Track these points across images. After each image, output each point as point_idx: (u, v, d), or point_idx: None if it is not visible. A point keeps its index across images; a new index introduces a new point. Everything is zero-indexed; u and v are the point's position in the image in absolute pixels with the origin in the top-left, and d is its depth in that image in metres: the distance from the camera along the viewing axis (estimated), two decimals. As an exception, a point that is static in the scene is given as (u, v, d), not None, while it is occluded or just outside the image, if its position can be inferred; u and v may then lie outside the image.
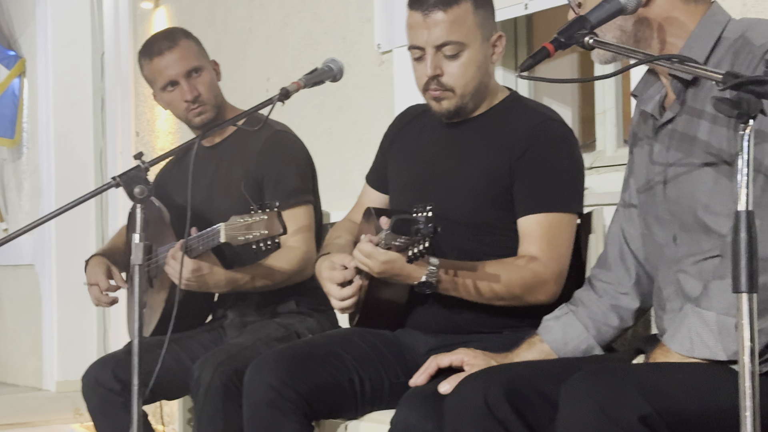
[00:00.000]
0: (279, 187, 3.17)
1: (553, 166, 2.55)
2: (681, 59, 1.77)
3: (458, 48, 2.57)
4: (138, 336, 2.49)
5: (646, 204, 2.21)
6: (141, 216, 2.49)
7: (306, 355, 2.58)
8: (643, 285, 2.32)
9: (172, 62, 3.24)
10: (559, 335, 2.32)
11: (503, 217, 2.59)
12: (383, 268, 2.43)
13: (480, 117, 2.67)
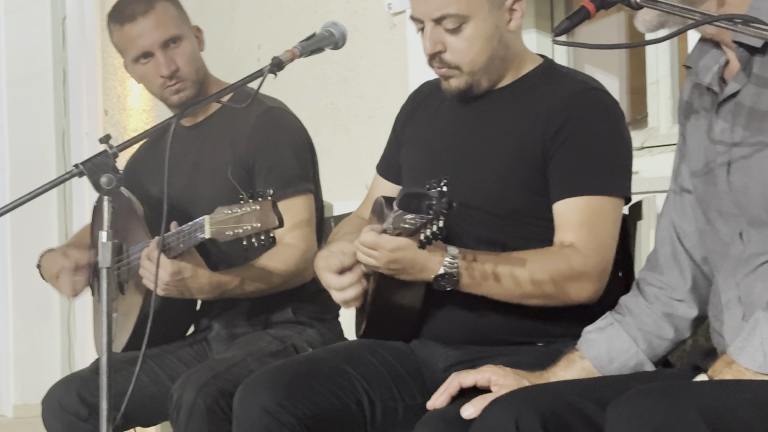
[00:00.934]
0: (273, 173, 3.18)
1: (594, 143, 2.55)
2: (746, 20, 1.77)
3: (459, 20, 2.58)
4: (107, 352, 2.49)
5: (706, 194, 2.20)
6: (109, 210, 2.49)
7: (306, 374, 2.58)
8: (701, 290, 2.32)
9: (146, 30, 3.25)
10: (604, 350, 2.32)
11: (537, 203, 2.59)
12: (392, 257, 2.43)
13: (506, 88, 2.68)
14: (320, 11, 4.58)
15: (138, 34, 3.25)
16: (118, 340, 3.26)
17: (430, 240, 2.28)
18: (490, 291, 2.50)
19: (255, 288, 3.12)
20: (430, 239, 2.28)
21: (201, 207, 2.99)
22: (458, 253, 2.45)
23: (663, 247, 2.35)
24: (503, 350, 2.53)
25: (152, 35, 3.25)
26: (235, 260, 3.15)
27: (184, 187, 3.29)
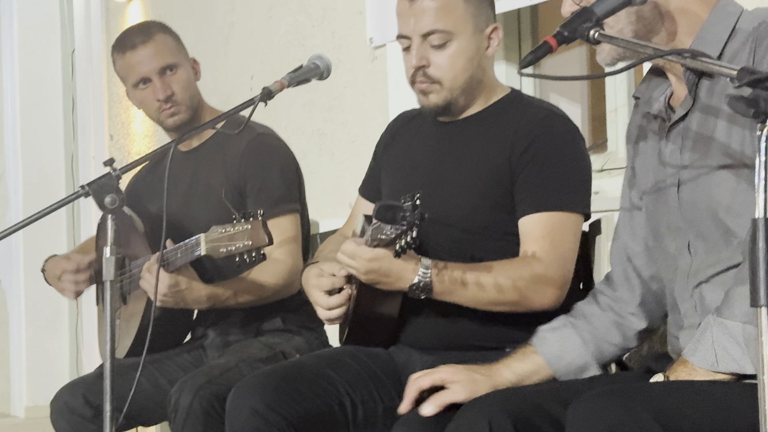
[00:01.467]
0: (262, 194, 3.17)
1: (556, 163, 2.55)
2: (693, 54, 1.78)
3: (446, 37, 2.59)
4: (110, 358, 2.48)
5: (656, 212, 2.21)
6: (112, 227, 2.49)
7: (293, 378, 2.57)
8: (649, 305, 2.32)
9: (145, 57, 3.26)
10: (555, 348, 2.31)
11: (505, 220, 2.59)
12: (370, 266, 2.43)
13: (478, 115, 2.68)
14: (307, 45, 4.59)
15: (138, 62, 3.26)
16: (120, 347, 3.25)
17: (405, 249, 2.29)
18: (460, 299, 2.49)
19: (246, 299, 3.12)
20: (405, 248, 2.29)
21: (196, 225, 2.99)
22: (431, 264, 2.45)
23: (616, 267, 2.35)
24: (475, 356, 2.50)
25: (150, 62, 3.25)
26: (228, 274, 3.15)
27: (181, 206, 3.29)
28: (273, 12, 4.86)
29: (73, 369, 6.75)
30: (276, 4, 4.83)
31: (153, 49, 3.26)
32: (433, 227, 2.52)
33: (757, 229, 1.59)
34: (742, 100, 1.62)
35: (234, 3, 5.14)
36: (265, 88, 2.69)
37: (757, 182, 1.60)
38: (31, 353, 6.81)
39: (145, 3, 5.87)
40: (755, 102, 1.60)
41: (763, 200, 1.59)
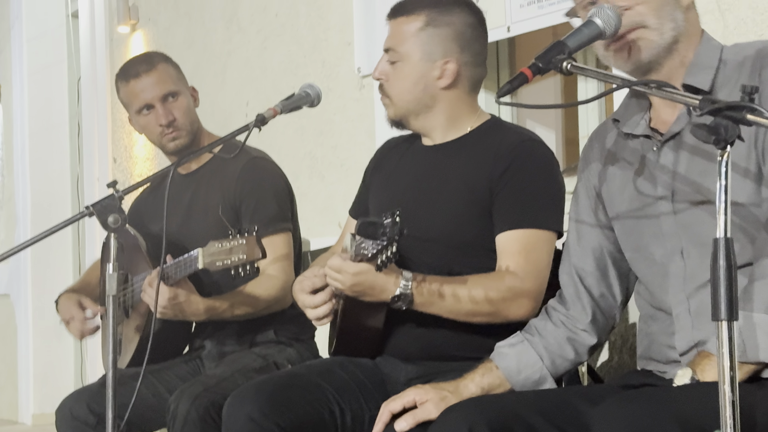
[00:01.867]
0: (257, 214, 3.17)
1: (532, 184, 2.57)
2: (659, 85, 1.79)
3: (396, 56, 2.67)
4: (113, 368, 2.48)
5: (638, 224, 2.19)
6: (115, 246, 2.49)
7: (286, 386, 2.56)
8: (599, 322, 2.33)
9: (148, 85, 3.26)
10: (513, 363, 2.32)
11: (484, 236, 2.59)
12: (354, 280, 2.43)
13: (459, 140, 2.70)
14: (300, 74, 4.60)
15: (141, 89, 3.26)
16: (123, 358, 3.25)
17: (386, 263, 2.29)
18: (439, 310, 2.49)
19: (241, 312, 3.11)
20: (386, 262, 2.29)
21: (195, 242, 2.98)
22: (411, 277, 2.45)
23: (567, 286, 2.36)
24: (455, 366, 2.51)
25: (153, 90, 3.26)
26: (224, 288, 3.14)
27: (181, 225, 3.29)
28: (267, 43, 4.87)
29: (78, 378, 6.72)
30: (270, 35, 4.84)
31: (156, 78, 3.27)
32: (416, 243, 2.53)
33: (718, 248, 1.60)
34: (704, 128, 1.62)
35: (231, 34, 5.15)
36: (259, 115, 2.70)
37: (717, 204, 1.61)
38: (38, 363, 6.79)
39: (147, 34, 5.87)
40: (716, 129, 1.61)
41: (723, 221, 1.60)
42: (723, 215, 1.60)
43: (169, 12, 5.67)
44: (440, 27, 2.64)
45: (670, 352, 2.15)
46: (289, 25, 4.71)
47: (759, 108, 1.60)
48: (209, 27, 5.32)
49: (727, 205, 1.60)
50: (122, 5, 5.93)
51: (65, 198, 6.88)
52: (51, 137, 6.92)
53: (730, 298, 1.58)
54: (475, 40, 2.68)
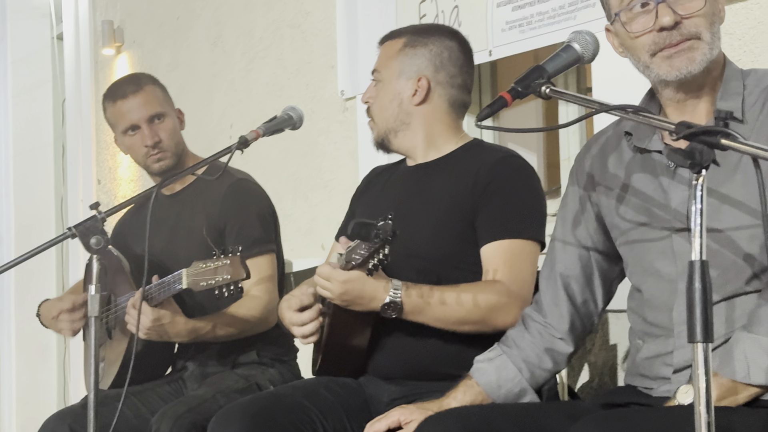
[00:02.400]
0: (241, 236, 3.17)
1: (514, 197, 2.61)
2: (636, 110, 1.80)
3: (379, 77, 2.76)
4: (94, 389, 2.48)
5: (648, 240, 2.18)
6: (97, 267, 2.49)
7: (271, 407, 2.56)
8: (577, 329, 2.34)
9: (135, 106, 3.27)
10: (493, 378, 2.33)
11: (469, 250, 2.62)
12: (344, 288, 2.44)
13: (442, 159, 2.74)
14: (284, 96, 4.61)
15: (128, 110, 3.27)
16: (105, 379, 3.24)
17: (377, 266, 2.32)
18: (427, 317, 2.50)
19: (225, 332, 3.11)
20: (377, 266, 2.32)
21: (179, 263, 2.98)
22: (401, 285, 2.46)
23: (546, 292, 2.36)
24: (436, 386, 2.51)
25: (140, 111, 3.27)
26: (208, 309, 3.14)
27: (165, 246, 3.29)
28: (252, 65, 4.88)
29: (61, 399, 6.69)
30: (255, 57, 4.86)
31: (143, 99, 3.28)
32: (401, 258, 2.54)
33: (693, 270, 1.61)
34: (680, 152, 1.64)
35: (215, 56, 5.16)
36: (242, 137, 2.71)
37: (693, 228, 1.62)
38: (21, 384, 6.75)
39: (132, 56, 5.87)
40: (691, 154, 1.63)
41: (698, 244, 1.61)
42: (698, 238, 1.61)
43: (154, 34, 5.67)
44: (417, 47, 2.73)
45: (664, 369, 2.15)
46: (273, 48, 4.72)
47: (733, 133, 1.62)
48: (194, 49, 5.33)
49: (702, 229, 1.61)
50: (107, 28, 5.94)
51: (49, 219, 6.86)
52: (35, 158, 6.91)
53: (706, 320, 1.59)
54: (452, 64, 2.73)
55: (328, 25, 4.34)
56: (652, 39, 2.05)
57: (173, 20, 5.51)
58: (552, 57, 2.01)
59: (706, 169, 1.62)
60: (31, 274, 6.56)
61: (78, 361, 5.66)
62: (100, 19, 6.07)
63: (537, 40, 3.39)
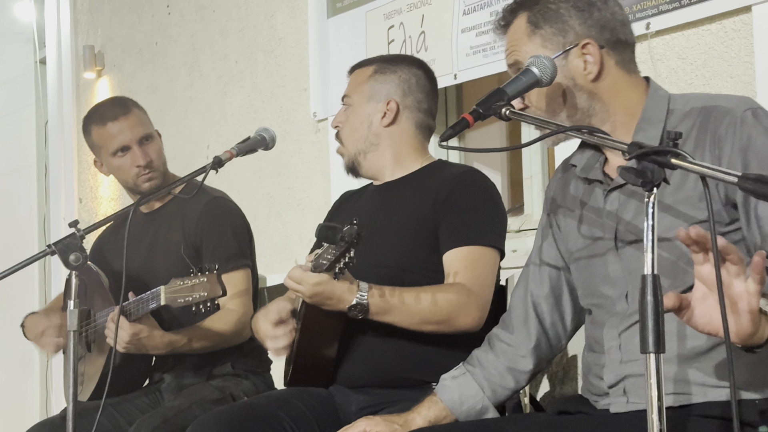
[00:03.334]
0: (217, 252, 3.17)
1: (474, 206, 2.63)
2: (590, 130, 1.82)
3: (349, 101, 2.79)
4: (73, 401, 2.46)
5: (591, 264, 2.20)
6: (76, 283, 2.48)
7: (244, 417, 2.55)
8: (542, 349, 2.34)
9: (126, 128, 3.25)
10: (456, 395, 2.33)
11: (433, 258, 2.63)
12: (315, 290, 2.44)
13: (407, 177, 2.77)
14: (258, 118, 4.61)
15: (119, 131, 3.25)
16: (85, 391, 3.22)
17: (343, 270, 2.34)
18: (393, 318, 2.51)
19: (201, 345, 3.10)
20: (343, 269, 2.33)
21: (157, 279, 2.98)
22: (367, 287, 2.47)
23: (517, 310, 2.36)
24: (402, 394, 2.52)
25: (131, 132, 3.25)
26: (184, 323, 3.13)
27: (143, 263, 3.27)
28: (227, 89, 4.88)
29: (43, 410, 6.64)
30: (230, 81, 4.86)
31: (133, 121, 3.26)
32: (367, 269, 2.55)
33: (645, 284, 1.62)
34: (632, 171, 1.65)
35: (192, 80, 5.15)
36: (216, 157, 2.70)
37: (645, 243, 1.63)
38: (4, 396, 6.70)
39: (113, 80, 5.86)
40: (643, 173, 1.64)
41: (650, 259, 1.62)
42: (650, 253, 1.62)
43: (134, 59, 5.66)
44: (386, 74, 2.77)
45: (601, 384, 2.16)
46: (248, 72, 4.72)
47: (682, 152, 1.63)
48: (172, 73, 5.32)
49: (654, 244, 1.62)
50: (88, 52, 5.92)
51: (32, 236, 6.82)
52: (19, 178, 6.88)
53: (658, 331, 1.60)
54: (419, 90, 2.78)
55: (301, 50, 4.35)
56: None
57: (152, 45, 5.51)
58: (512, 80, 2.02)
59: (658, 187, 1.63)
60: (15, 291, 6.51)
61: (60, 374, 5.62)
62: (82, 44, 6.05)
63: (500, 64, 3.40)
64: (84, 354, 3.27)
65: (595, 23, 2.09)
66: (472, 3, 3.51)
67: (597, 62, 2.09)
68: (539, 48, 2.12)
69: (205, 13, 5.05)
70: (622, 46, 2.11)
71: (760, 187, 1.52)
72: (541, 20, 2.12)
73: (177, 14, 5.28)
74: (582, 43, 2.09)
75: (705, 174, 1.63)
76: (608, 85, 2.10)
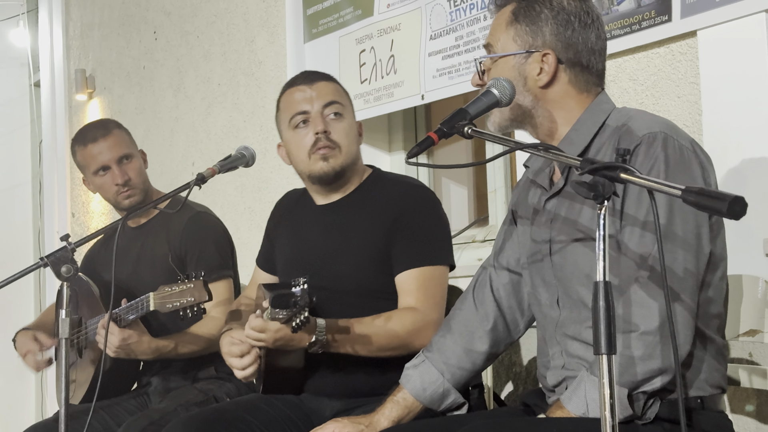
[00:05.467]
0: (200, 263, 3.16)
1: (421, 227, 2.57)
2: (545, 147, 1.82)
3: (341, 109, 2.64)
4: (65, 404, 2.44)
5: (533, 267, 2.21)
6: (67, 293, 2.46)
7: (214, 420, 2.51)
8: (499, 331, 2.33)
9: (105, 148, 3.24)
10: (418, 383, 2.32)
11: (388, 282, 2.58)
12: (276, 337, 2.41)
13: (350, 195, 2.68)
14: (240, 136, 4.60)
15: (99, 152, 3.24)
16: (76, 395, 3.20)
17: (299, 326, 2.28)
18: (353, 349, 2.47)
19: (187, 350, 3.09)
20: (300, 326, 2.28)
21: (143, 289, 2.96)
22: (324, 324, 2.41)
23: (478, 291, 2.35)
24: (371, 400, 2.48)
25: (110, 153, 3.24)
26: (171, 329, 3.12)
27: (131, 273, 3.27)
28: (211, 109, 4.87)
29: (39, 413, 6.60)
30: (213, 102, 4.85)
31: (112, 142, 3.25)
32: (326, 294, 2.52)
33: (598, 290, 1.63)
34: (584, 185, 1.65)
35: (178, 101, 5.15)
36: (199, 174, 2.67)
37: (597, 252, 1.63)
38: (2, 400, 6.66)
39: (103, 102, 5.84)
40: (594, 187, 1.64)
41: (602, 267, 1.63)
42: (602, 261, 1.62)
43: (123, 82, 5.65)
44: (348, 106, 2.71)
45: (545, 383, 2.18)
46: (230, 94, 4.72)
47: (631, 168, 1.64)
48: (158, 95, 5.31)
49: (605, 253, 1.62)
50: (80, 75, 5.91)
51: (28, 249, 6.80)
52: (15, 194, 6.85)
53: (609, 334, 1.61)
54: None
55: (279, 74, 4.35)
56: None
57: (139, 69, 5.50)
58: (474, 101, 2.02)
59: (608, 200, 1.64)
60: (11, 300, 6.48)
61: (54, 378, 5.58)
62: (74, 68, 6.04)
63: (464, 85, 3.42)
64: (75, 360, 3.26)
65: (564, 40, 2.09)
66: (439, 28, 3.52)
67: (550, 73, 2.09)
68: (510, 40, 2.11)
69: (189, 38, 5.04)
70: (580, 68, 2.11)
71: (702, 199, 1.53)
72: (522, 16, 2.10)
73: (163, 40, 5.27)
74: (544, 52, 2.09)
75: (651, 188, 1.64)
76: (554, 95, 2.10)
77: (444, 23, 3.50)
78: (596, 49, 2.12)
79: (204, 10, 4.90)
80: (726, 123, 2.57)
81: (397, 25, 3.69)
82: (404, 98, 3.66)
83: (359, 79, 3.84)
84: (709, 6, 2.65)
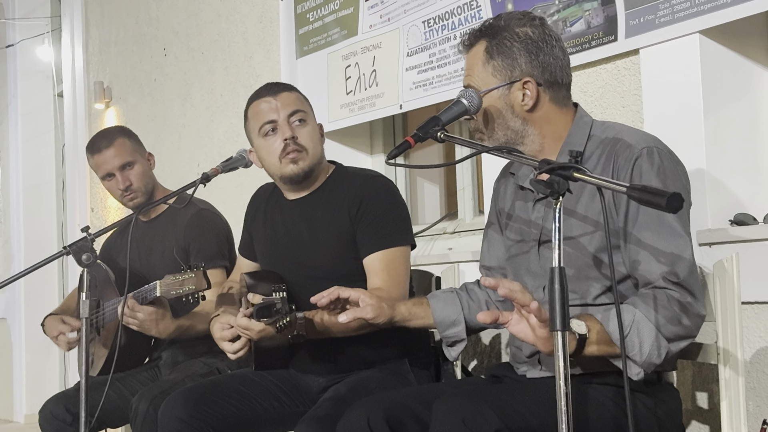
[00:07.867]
0: (201, 254, 3.15)
1: (382, 212, 2.52)
2: (509, 150, 1.82)
3: (305, 116, 2.58)
4: (85, 377, 2.44)
5: (518, 257, 2.19)
6: (88, 278, 2.46)
7: (210, 392, 2.50)
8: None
9: (108, 158, 3.23)
10: (441, 303, 2.28)
11: (358, 266, 2.54)
12: (261, 334, 2.36)
13: (318, 190, 2.63)
14: (240, 141, 4.57)
15: (103, 161, 3.23)
16: (95, 367, 3.19)
17: (282, 329, 2.23)
18: (332, 334, 2.41)
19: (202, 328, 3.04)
20: (282, 329, 2.23)
21: (155, 275, 2.96)
22: (303, 316, 2.29)
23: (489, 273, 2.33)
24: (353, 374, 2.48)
25: (112, 162, 3.23)
26: (178, 312, 3.09)
27: (143, 262, 3.26)
28: (214, 117, 4.85)
29: (62, 384, 6.57)
30: (216, 111, 4.83)
31: (113, 152, 3.23)
32: (304, 280, 2.49)
33: (554, 275, 1.63)
34: (542, 183, 1.65)
35: (185, 110, 5.12)
36: (204, 173, 2.68)
37: (553, 242, 1.63)
38: (29, 373, 6.62)
39: (119, 110, 5.81)
40: (551, 185, 1.64)
41: (557, 254, 1.63)
42: (557, 249, 1.62)
43: (136, 93, 5.62)
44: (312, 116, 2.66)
45: (520, 354, 2.17)
46: (231, 103, 4.70)
47: (583, 168, 1.64)
48: (168, 105, 5.28)
49: (560, 242, 1.62)
50: (98, 87, 5.88)
51: (52, 240, 6.77)
52: (41, 192, 6.82)
53: (564, 313, 1.61)
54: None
55: (274, 85, 4.33)
56: None
57: (151, 81, 5.47)
58: (445, 110, 2.01)
59: (563, 196, 1.64)
60: (38, 285, 6.47)
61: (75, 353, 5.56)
62: (93, 80, 6.00)
63: (438, 96, 3.42)
64: (94, 336, 3.24)
65: (539, 64, 2.06)
66: (415, 46, 3.52)
67: (533, 97, 2.07)
68: (489, 76, 2.08)
69: (195, 54, 5.02)
70: (557, 86, 2.09)
71: (644, 195, 1.53)
72: (495, 53, 2.08)
73: (172, 56, 5.25)
74: (524, 80, 2.06)
75: (600, 185, 1.64)
76: (541, 115, 2.08)
77: (419, 42, 3.49)
78: (564, 64, 2.11)
79: (208, 29, 4.89)
80: (664, 130, 2.59)
81: (378, 44, 3.68)
82: (384, 107, 3.65)
83: (345, 90, 3.84)
84: (650, 27, 2.65)
